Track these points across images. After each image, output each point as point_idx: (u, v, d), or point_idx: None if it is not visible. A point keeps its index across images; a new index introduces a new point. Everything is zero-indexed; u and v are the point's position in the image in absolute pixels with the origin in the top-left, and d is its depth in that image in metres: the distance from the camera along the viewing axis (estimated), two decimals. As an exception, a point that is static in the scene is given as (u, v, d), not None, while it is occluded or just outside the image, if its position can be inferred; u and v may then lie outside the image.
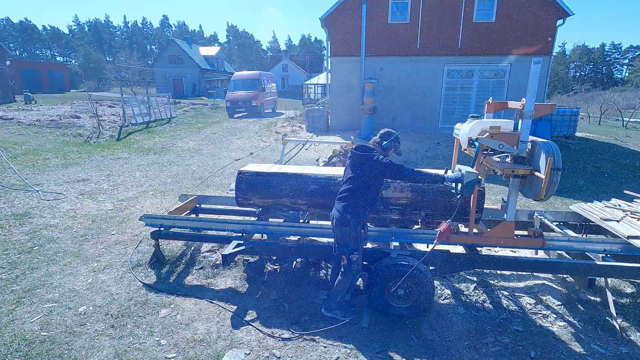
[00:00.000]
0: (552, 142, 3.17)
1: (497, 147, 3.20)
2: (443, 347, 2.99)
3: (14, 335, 3.05)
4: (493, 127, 3.24)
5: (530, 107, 3.10)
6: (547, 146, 3.10)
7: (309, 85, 32.06)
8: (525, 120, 3.14)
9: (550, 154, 3.01)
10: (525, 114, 3.12)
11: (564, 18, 13.33)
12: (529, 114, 3.11)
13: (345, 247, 3.09)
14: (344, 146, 7.84)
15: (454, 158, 4.04)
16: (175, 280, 3.96)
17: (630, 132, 18.92)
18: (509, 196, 3.45)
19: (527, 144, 3.24)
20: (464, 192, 3.01)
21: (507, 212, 3.48)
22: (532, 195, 3.34)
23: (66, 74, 45.58)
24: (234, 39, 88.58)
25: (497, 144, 3.17)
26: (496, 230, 3.47)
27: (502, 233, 3.44)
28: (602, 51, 68.16)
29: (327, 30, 14.42)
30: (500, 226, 3.47)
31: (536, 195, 3.22)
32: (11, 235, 4.92)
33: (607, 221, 3.77)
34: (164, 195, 6.76)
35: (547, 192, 3.10)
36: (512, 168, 3.24)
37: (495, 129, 3.22)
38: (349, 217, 3.02)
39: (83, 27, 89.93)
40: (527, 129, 3.17)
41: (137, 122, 15.46)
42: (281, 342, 3.05)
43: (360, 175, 3.04)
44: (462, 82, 14.48)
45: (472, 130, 3.43)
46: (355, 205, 3.05)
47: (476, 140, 3.26)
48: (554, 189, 3.12)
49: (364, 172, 3.02)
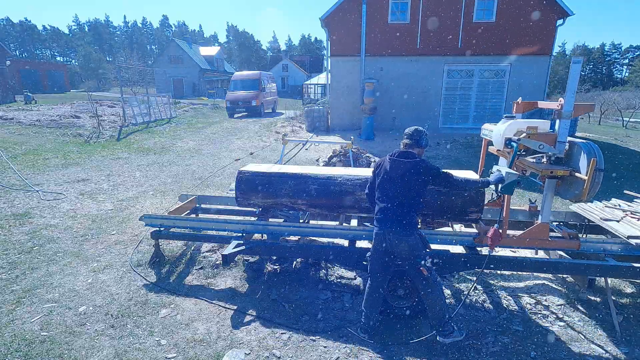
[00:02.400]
0: (591, 142, 3.10)
1: (537, 148, 3.12)
2: (443, 347, 2.99)
3: (14, 335, 3.04)
4: (530, 127, 3.18)
5: (569, 107, 3.00)
6: (588, 147, 3.02)
7: (309, 85, 32.08)
8: (563, 120, 3.06)
9: (593, 155, 2.93)
10: (564, 114, 3.02)
11: (564, 18, 13.34)
12: (568, 114, 3.01)
13: (418, 258, 2.85)
14: (344, 146, 7.84)
15: (481, 158, 4.06)
16: (175, 280, 3.96)
17: (630, 132, 18.91)
18: (544, 197, 3.36)
19: (565, 145, 3.15)
20: (505, 192, 2.98)
21: (541, 214, 3.39)
22: (570, 196, 3.26)
23: (66, 74, 45.63)
24: (234, 39, 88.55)
25: (538, 144, 3.09)
26: (531, 232, 3.38)
27: (537, 234, 3.36)
28: (602, 51, 68.19)
29: (327, 30, 14.42)
30: (535, 227, 3.39)
31: (576, 196, 3.15)
32: (11, 235, 4.92)
33: (607, 221, 3.76)
34: (164, 195, 6.76)
35: (589, 193, 3.02)
36: (550, 169, 3.14)
37: (533, 129, 3.16)
38: (410, 228, 2.84)
39: (83, 27, 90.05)
40: (565, 129, 3.08)
41: (137, 122, 15.46)
42: (281, 342, 3.05)
43: (409, 183, 2.82)
44: (462, 82, 14.48)
45: (508, 131, 3.34)
46: (411, 215, 2.86)
47: (515, 141, 3.16)
48: (596, 190, 3.04)
49: (412, 180, 2.82)
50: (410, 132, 2.98)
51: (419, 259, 2.84)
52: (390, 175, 2.89)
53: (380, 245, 2.94)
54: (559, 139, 3.12)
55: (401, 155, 2.89)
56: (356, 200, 3.68)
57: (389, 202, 2.88)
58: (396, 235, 2.83)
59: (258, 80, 21.57)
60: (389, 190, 2.90)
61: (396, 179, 2.86)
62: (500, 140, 3.42)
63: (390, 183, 2.90)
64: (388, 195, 2.90)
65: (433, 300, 2.88)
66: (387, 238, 2.87)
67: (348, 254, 3.70)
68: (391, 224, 2.85)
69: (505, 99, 14.42)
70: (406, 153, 2.90)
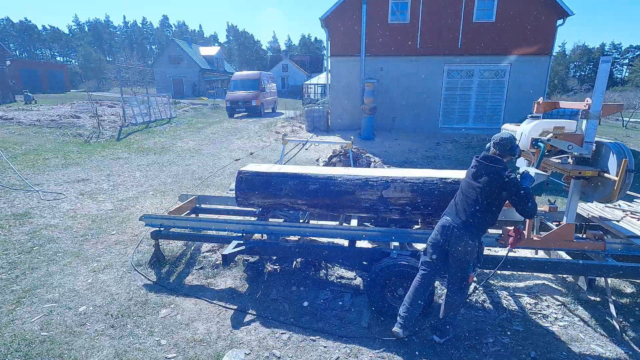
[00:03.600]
0: (620, 142, 3.08)
1: (566, 148, 3.09)
2: (443, 347, 2.99)
3: (14, 335, 3.04)
4: (557, 127, 3.16)
5: (597, 107, 2.97)
6: (618, 147, 3.00)
7: (309, 85, 32.08)
8: (591, 120, 3.03)
9: (623, 155, 2.90)
10: (592, 114, 2.99)
11: (564, 18, 13.34)
12: (596, 114, 2.99)
13: (468, 265, 2.81)
14: (344, 146, 7.84)
15: None
16: (175, 280, 3.96)
17: (630, 132, 18.90)
18: (569, 198, 3.32)
19: (592, 145, 3.11)
20: (535, 193, 2.92)
21: (567, 214, 3.36)
22: (598, 197, 3.23)
23: (66, 74, 45.66)
24: (234, 39, 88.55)
25: (567, 144, 3.06)
26: (557, 233, 3.36)
27: (563, 236, 3.32)
28: (602, 51, 68.16)
29: (327, 30, 14.42)
30: (560, 228, 3.36)
31: (605, 197, 3.12)
32: (11, 235, 4.92)
33: (607, 221, 3.77)
34: (164, 195, 6.76)
35: (619, 194, 3.00)
36: (578, 169, 3.10)
37: (560, 129, 3.14)
38: (476, 231, 2.78)
39: (83, 27, 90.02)
40: (593, 130, 3.04)
41: (137, 122, 15.46)
42: (281, 342, 3.05)
43: (487, 189, 2.73)
44: (462, 82, 14.48)
45: (533, 131, 3.30)
46: (483, 220, 2.79)
47: (544, 141, 3.12)
48: (626, 190, 3.02)
49: (492, 187, 2.71)
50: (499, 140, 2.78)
51: (469, 267, 2.80)
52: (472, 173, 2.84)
53: (437, 234, 2.88)
54: (586, 139, 3.07)
55: (486, 159, 2.78)
56: (356, 200, 3.68)
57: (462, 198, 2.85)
58: (458, 231, 2.77)
59: (258, 80, 21.57)
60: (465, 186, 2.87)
61: (472, 178, 2.82)
62: (525, 140, 3.35)
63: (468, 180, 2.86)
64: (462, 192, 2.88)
65: (454, 305, 2.92)
66: (452, 232, 2.81)
67: (348, 254, 3.70)
68: (455, 221, 2.81)
69: (505, 99, 14.42)
70: (493, 158, 2.76)
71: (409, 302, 2.92)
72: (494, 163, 2.72)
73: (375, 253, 3.51)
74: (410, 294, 2.94)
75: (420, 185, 3.61)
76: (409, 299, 2.93)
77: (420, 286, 2.92)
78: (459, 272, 2.85)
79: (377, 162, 8.76)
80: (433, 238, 2.93)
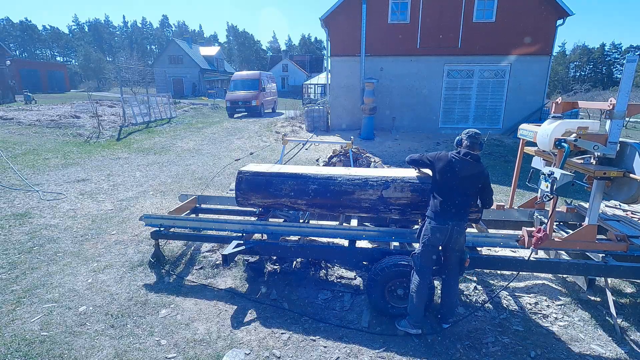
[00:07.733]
0: None
1: (591, 149, 3.08)
2: (443, 347, 2.99)
3: (14, 335, 3.05)
4: (581, 127, 3.14)
5: (622, 107, 2.94)
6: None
7: (309, 85, 32.05)
8: (615, 120, 3.01)
9: None
10: (616, 114, 2.97)
11: (564, 18, 13.33)
12: (621, 114, 2.97)
13: (464, 252, 3.16)
14: (344, 146, 7.84)
15: (518, 158, 4.08)
16: (175, 280, 3.96)
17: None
18: (592, 198, 3.30)
19: (616, 145, 3.09)
20: (559, 193, 2.96)
21: (589, 215, 3.34)
22: (622, 198, 3.22)
23: (66, 74, 45.65)
24: (234, 39, 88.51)
25: (592, 144, 3.05)
26: (579, 234, 3.34)
27: (585, 237, 3.31)
28: (602, 51, 68.10)
29: (327, 30, 14.42)
30: (583, 229, 3.35)
31: (630, 198, 3.11)
32: (11, 235, 4.92)
33: (607, 221, 3.77)
34: (164, 195, 6.76)
35: None
36: (603, 170, 3.08)
37: (584, 130, 3.13)
38: (467, 222, 3.18)
39: (83, 27, 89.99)
40: (617, 130, 3.03)
41: (137, 122, 15.46)
42: (281, 342, 3.05)
43: (476, 183, 3.00)
44: (462, 82, 14.47)
45: (556, 131, 3.28)
46: (469, 213, 3.14)
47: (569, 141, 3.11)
48: None
49: (479, 181, 2.99)
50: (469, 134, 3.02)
51: (464, 253, 3.16)
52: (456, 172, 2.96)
53: (438, 238, 3.00)
54: (611, 140, 3.05)
55: (472, 157, 2.96)
56: (356, 200, 3.67)
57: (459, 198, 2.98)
58: (458, 228, 3.00)
59: (258, 80, 21.57)
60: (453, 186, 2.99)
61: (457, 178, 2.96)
62: (547, 140, 3.34)
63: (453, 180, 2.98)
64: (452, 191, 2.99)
65: (456, 288, 3.23)
66: (452, 231, 2.98)
67: (348, 253, 3.70)
68: (456, 221, 2.99)
69: (505, 99, 14.42)
70: (474, 155, 2.98)
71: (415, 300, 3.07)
72: (478, 160, 2.98)
73: (375, 253, 3.51)
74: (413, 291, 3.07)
75: (421, 185, 3.61)
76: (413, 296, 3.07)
77: (421, 285, 3.05)
78: (458, 260, 3.13)
79: (377, 162, 8.76)
80: (431, 240, 3.01)
